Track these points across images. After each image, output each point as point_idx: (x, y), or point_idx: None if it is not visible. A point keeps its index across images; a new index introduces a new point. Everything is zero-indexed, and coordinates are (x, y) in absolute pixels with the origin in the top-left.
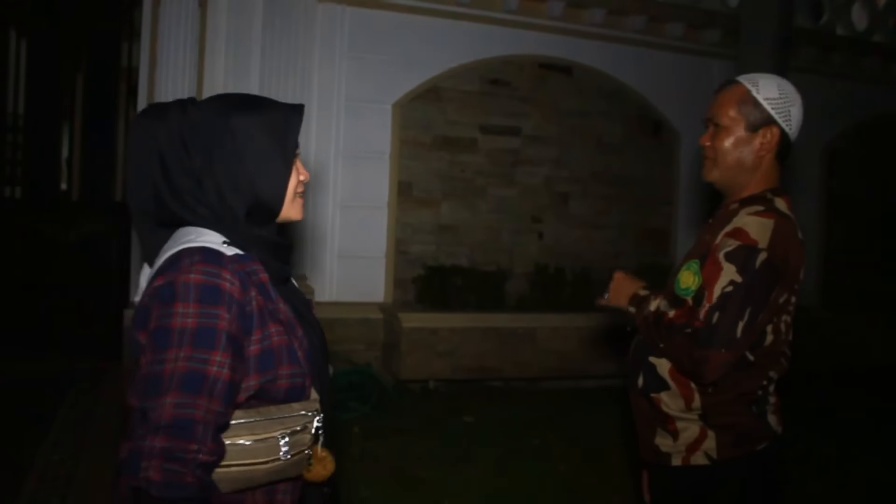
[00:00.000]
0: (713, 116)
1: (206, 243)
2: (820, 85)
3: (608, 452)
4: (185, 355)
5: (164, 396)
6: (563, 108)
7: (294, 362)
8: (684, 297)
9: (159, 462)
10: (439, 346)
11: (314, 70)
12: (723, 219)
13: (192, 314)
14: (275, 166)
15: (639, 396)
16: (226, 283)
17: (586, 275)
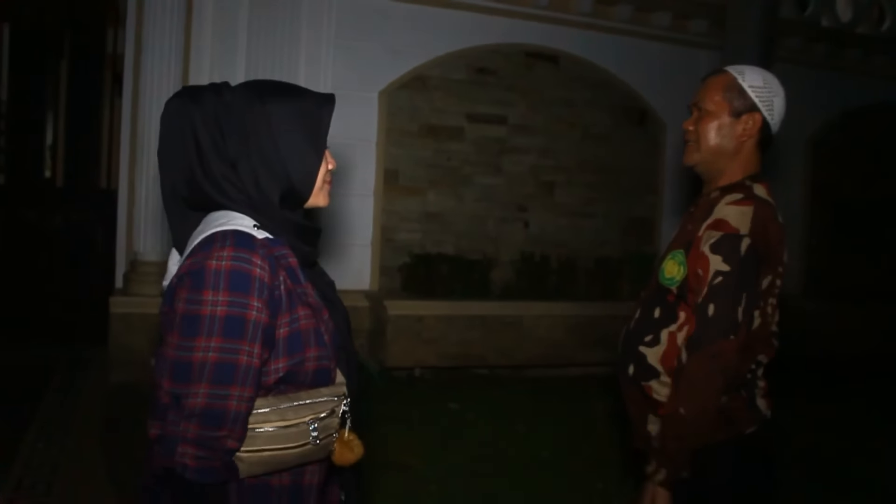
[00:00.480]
0: (698, 101)
1: (238, 226)
2: (804, 76)
3: (593, 439)
4: (216, 345)
5: (197, 385)
6: (549, 97)
7: (321, 345)
8: (669, 287)
9: (193, 449)
10: (425, 334)
11: (300, 57)
12: (704, 207)
13: (221, 302)
14: (307, 154)
15: (630, 385)
16: (256, 269)
17: (572, 263)
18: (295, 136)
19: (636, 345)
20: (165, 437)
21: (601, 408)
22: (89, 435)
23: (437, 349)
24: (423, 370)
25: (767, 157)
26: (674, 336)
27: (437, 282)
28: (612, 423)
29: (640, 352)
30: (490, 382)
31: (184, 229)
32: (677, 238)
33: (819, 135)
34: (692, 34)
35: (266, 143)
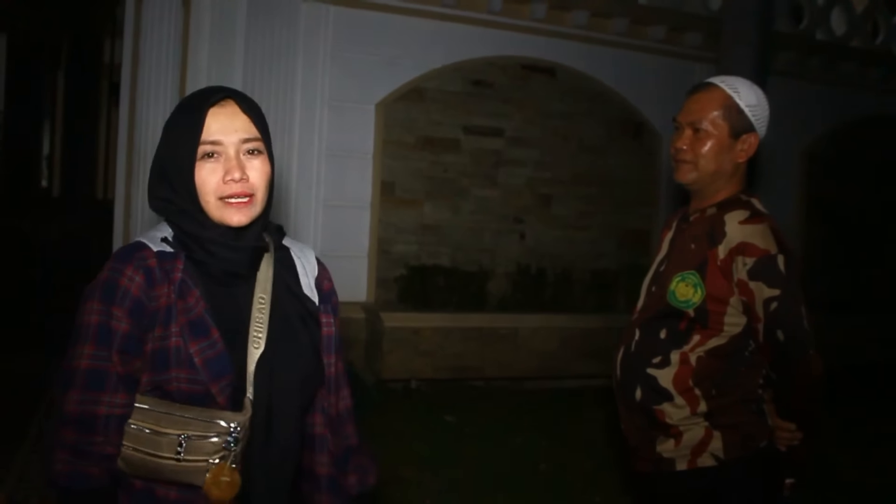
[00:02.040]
0: (694, 121)
1: (140, 238)
2: (799, 89)
3: (590, 452)
4: (88, 352)
5: (70, 392)
6: (545, 110)
7: (191, 367)
8: (684, 309)
9: (66, 455)
10: (421, 346)
11: (298, 69)
12: (702, 224)
13: (95, 310)
14: (178, 166)
15: (634, 410)
16: (124, 280)
17: (568, 275)
18: (169, 147)
19: (642, 367)
20: (46, 446)
21: (598, 420)
22: None
23: (433, 361)
24: (420, 382)
25: (762, 169)
26: (686, 356)
27: (434, 294)
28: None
29: (648, 374)
30: (486, 395)
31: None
32: (678, 257)
33: (813, 147)
34: (687, 47)
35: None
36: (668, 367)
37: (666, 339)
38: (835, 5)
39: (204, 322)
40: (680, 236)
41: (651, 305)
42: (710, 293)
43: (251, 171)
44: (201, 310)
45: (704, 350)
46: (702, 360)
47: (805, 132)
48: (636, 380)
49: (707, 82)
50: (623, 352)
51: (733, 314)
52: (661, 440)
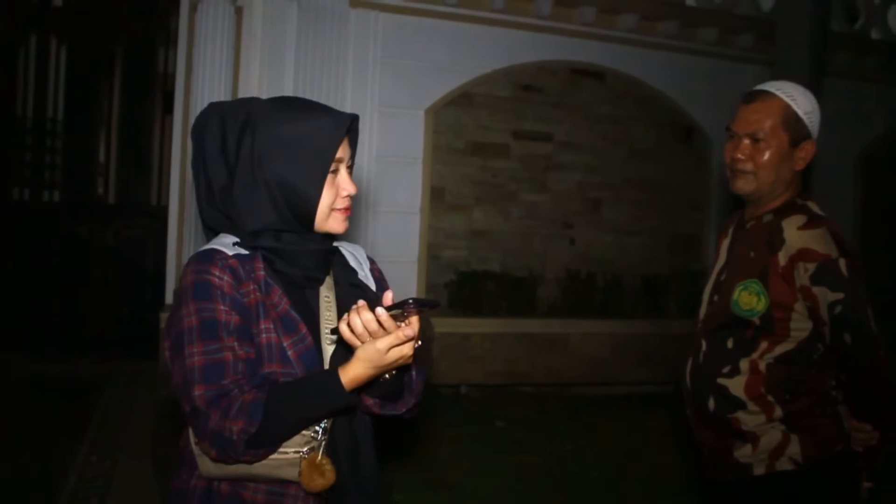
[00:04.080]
0: (754, 131)
1: (212, 245)
2: (855, 90)
3: (642, 459)
4: (198, 350)
5: (193, 390)
6: (595, 114)
7: (285, 361)
8: (749, 318)
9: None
10: (471, 351)
11: (348, 76)
12: (760, 232)
13: (192, 312)
14: (304, 180)
15: (707, 421)
16: (214, 279)
17: (618, 280)
18: (290, 160)
19: (713, 377)
20: (216, 440)
21: (649, 427)
22: (140, 449)
23: (483, 367)
24: (469, 388)
25: (818, 171)
26: (755, 364)
27: (484, 299)
28: (661, 442)
29: (719, 384)
30: (536, 400)
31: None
32: (738, 265)
33: (871, 149)
34: (739, 49)
35: (255, 166)
36: (739, 376)
37: (733, 349)
38: (891, 4)
39: (292, 317)
40: (738, 244)
41: (715, 315)
42: (774, 300)
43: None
44: (286, 306)
45: (773, 357)
46: (771, 366)
47: (862, 134)
48: (708, 390)
49: (762, 90)
50: (692, 363)
51: (799, 319)
52: (738, 446)
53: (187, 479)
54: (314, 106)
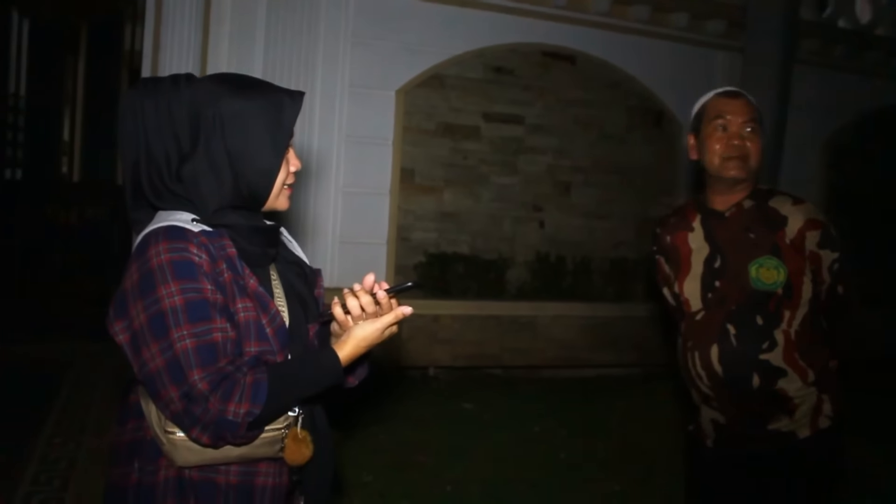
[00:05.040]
0: (746, 121)
1: (172, 222)
2: (822, 78)
3: (609, 440)
4: (187, 332)
5: (191, 374)
6: (566, 97)
7: (262, 339)
8: (772, 290)
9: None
10: (440, 334)
11: (318, 55)
12: (749, 215)
13: (175, 292)
14: (265, 156)
15: (750, 399)
16: (194, 257)
17: (587, 264)
18: (250, 137)
19: (755, 356)
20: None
21: (617, 409)
22: (105, 431)
23: (451, 349)
24: (438, 370)
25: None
26: (787, 333)
27: (453, 281)
28: (628, 424)
29: (762, 360)
30: (504, 383)
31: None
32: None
33: (837, 137)
34: (710, 35)
35: (215, 143)
36: (777, 348)
37: (764, 324)
38: None
39: (263, 295)
40: (722, 231)
41: (730, 297)
42: (791, 269)
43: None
44: (256, 284)
45: (798, 323)
46: (798, 333)
47: (828, 122)
48: (750, 369)
49: (735, 90)
50: (718, 348)
51: (806, 283)
52: (778, 417)
53: (153, 472)
54: (263, 82)
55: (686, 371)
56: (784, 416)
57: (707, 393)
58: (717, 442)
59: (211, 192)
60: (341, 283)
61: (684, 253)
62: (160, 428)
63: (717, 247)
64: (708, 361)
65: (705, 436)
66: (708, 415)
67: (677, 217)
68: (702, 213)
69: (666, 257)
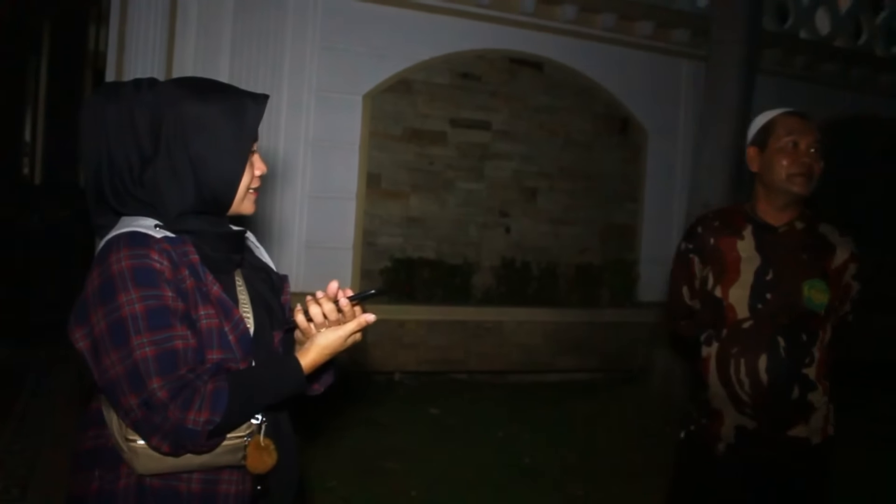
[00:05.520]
0: (813, 141)
1: (134, 227)
2: (784, 87)
3: (573, 445)
4: (147, 340)
5: (151, 383)
6: (532, 104)
7: (225, 347)
8: (818, 311)
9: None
10: (405, 339)
11: (285, 59)
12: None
13: (136, 299)
14: (226, 163)
15: (786, 407)
16: (155, 264)
17: (552, 269)
18: (213, 141)
19: (798, 369)
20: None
21: (581, 414)
22: (64, 437)
23: (417, 354)
24: (404, 375)
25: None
26: (821, 351)
27: (419, 286)
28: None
29: (803, 374)
30: (470, 388)
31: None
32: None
33: None
34: (675, 43)
35: (177, 148)
36: (814, 364)
37: (807, 341)
38: (819, 5)
39: (227, 302)
40: (775, 246)
41: (781, 312)
42: (833, 294)
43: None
44: (219, 290)
45: (826, 341)
46: (825, 350)
47: None
48: (793, 381)
49: (803, 112)
50: (767, 359)
51: (837, 307)
52: (797, 424)
53: (114, 480)
54: (227, 85)
55: (721, 375)
56: (802, 424)
57: (744, 399)
58: (735, 447)
59: (173, 197)
60: (307, 288)
61: (731, 259)
62: (121, 436)
63: (770, 260)
64: (755, 369)
65: (716, 440)
66: (734, 420)
67: (722, 221)
68: (753, 224)
69: (702, 257)
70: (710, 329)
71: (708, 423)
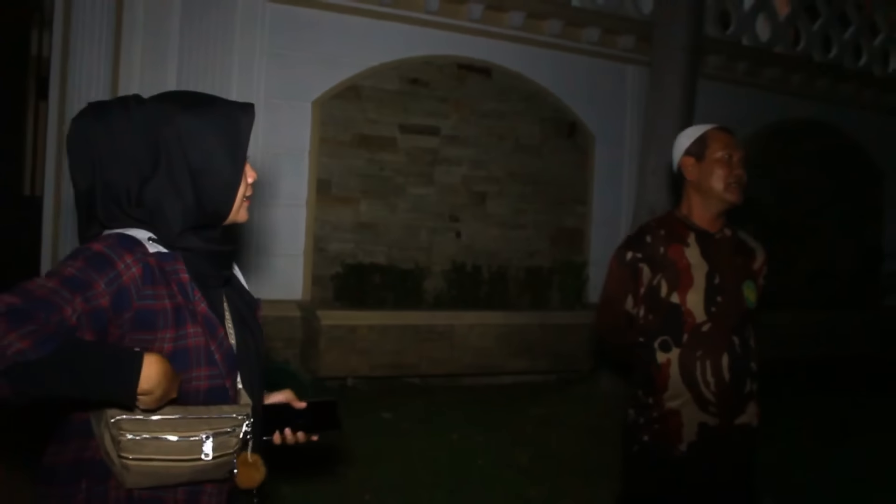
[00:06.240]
0: (743, 156)
1: (129, 232)
2: (726, 92)
3: (526, 446)
4: (49, 286)
5: (10, 298)
6: (481, 109)
7: (212, 364)
8: (751, 308)
9: (14, 335)
10: (358, 344)
11: (233, 65)
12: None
13: (74, 266)
14: (223, 173)
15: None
16: (120, 265)
17: (503, 273)
18: (210, 153)
19: (749, 363)
20: None
21: (533, 415)
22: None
23: (369, 359)
24: (356, 380)
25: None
26: (754, 343)
27: (370, 291)
28: (543, 430)
29: (751, 367)
30: (422, 392)
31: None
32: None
33: None
34: (620, 49)
35: (177, 163)
36: (753, 356)
37: (749, 336)
38: (760, 12)
39: (212, 319)
40: (716, 252)
41: (731, 313)
42: (758, 292)
43: None
44: (206, 308)
45: (754, 335)
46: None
47: None
48: (746, 376)
49: (729, 129)
50: (728, 358)
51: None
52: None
53: (103, 492)
54: (214, 97)
55: (685, 378)
56: (746, 412)
57: (709, 398)
58: (695, 444)
59: (175, 214)
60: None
61: (682, 266)
62: (114, 451)
63: (715, 265)
64: (719, 369)
65: (677, 442)
66: (697, 418)
67: (666, 230)
68: (695, 232)
69: (652, 266)
70: (664, 335)
71: (663, 428)
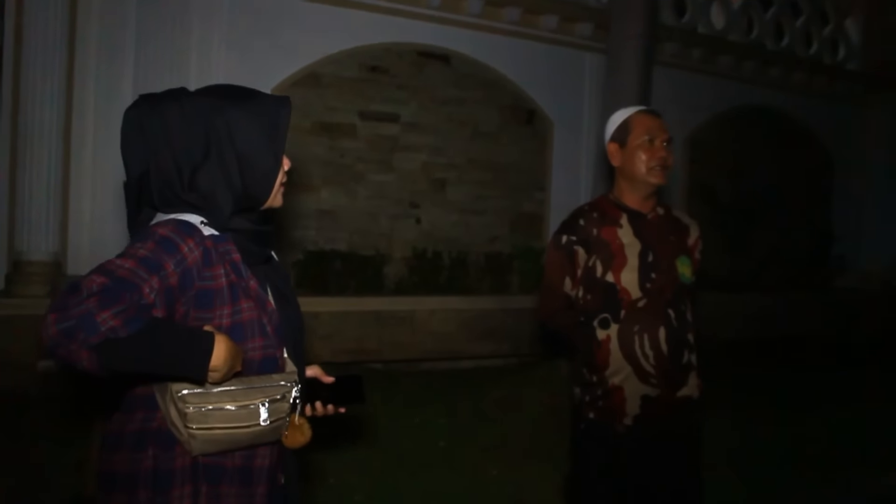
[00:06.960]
0: (668, 137)
1: (184, 217)
2: (682, 79)
3: (486, 428)
4: (128, 266)
5: (93, 275)
6: (440, 96)
7: (265, 335)
8: (687, 283)
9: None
10: (319, 330)
11: (191, 53)
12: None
13: (147, 248)
14: (266, 159)
15: (681, 371)
16: (185, 248)
17: (463, 259)
18: (254, 142)
19: (685, 335)
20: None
21: (494, 398)
22: None
23: (331, 345)
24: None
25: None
26: (691, 316)
27: (331, 278)
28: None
29: (687, 339)
30: (385, 377)
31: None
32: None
33: (696, 135)
34: (578, 37)
35: (227, 152)
36: (690, 328)
37: (685, 310)
38: (714, 0)
39: (262, 295)
40: (648, 231)
41: (665, 288)
42: (693, 267)
43: None
44: (256, 284)
45: (691, 309)
46: (692, 316)
47: (689, 121)
48: (684, 347)
49: (655, 110)
50: (665, 331)
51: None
52: (685, 385)
53: (170, 459)
54: (255, 91)
55: (625, 352)
56: (687, 384)
57: (648, 370)
58: (639, 417)
59: (225, 198)
60: None
61: (616, 246)
62: (181, 423)
63: (648, 243)
64: (656, 342)
65: (622, 415)
66: (638, 391)
67: (599, 213)
68: (627, 213)
69: (586, 248)
70: (603, 314)
71: (607, 404)
